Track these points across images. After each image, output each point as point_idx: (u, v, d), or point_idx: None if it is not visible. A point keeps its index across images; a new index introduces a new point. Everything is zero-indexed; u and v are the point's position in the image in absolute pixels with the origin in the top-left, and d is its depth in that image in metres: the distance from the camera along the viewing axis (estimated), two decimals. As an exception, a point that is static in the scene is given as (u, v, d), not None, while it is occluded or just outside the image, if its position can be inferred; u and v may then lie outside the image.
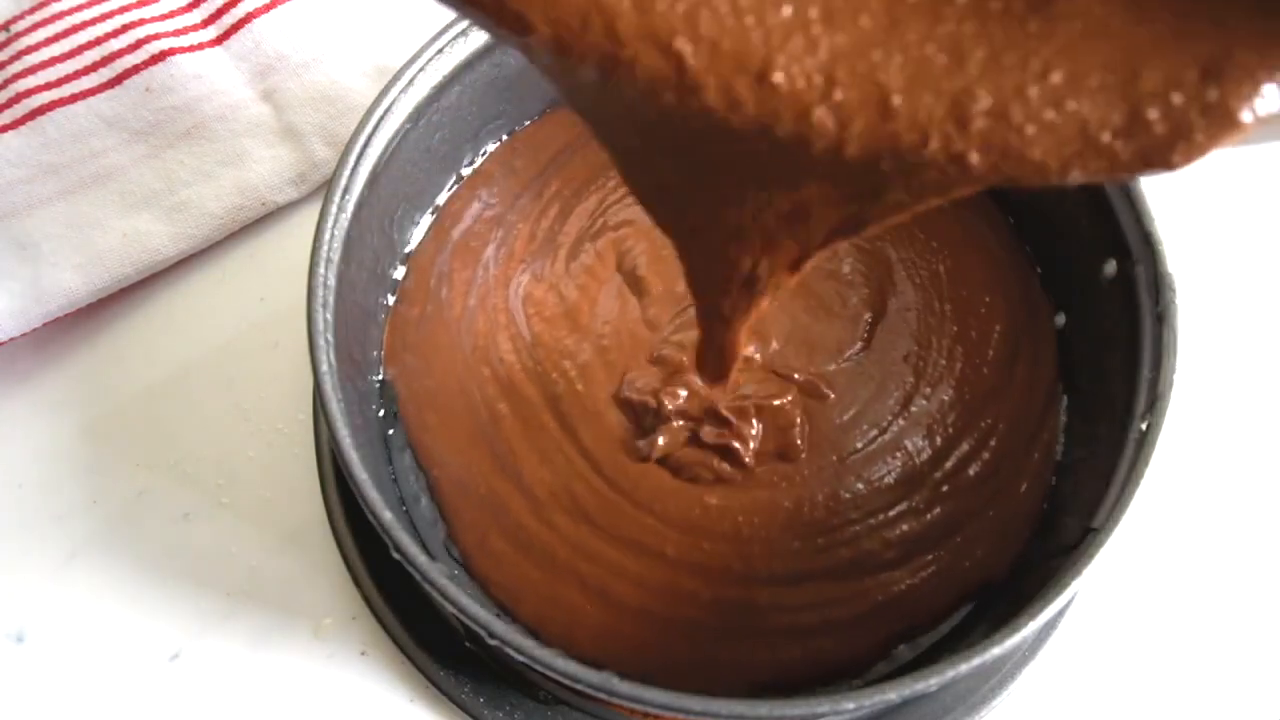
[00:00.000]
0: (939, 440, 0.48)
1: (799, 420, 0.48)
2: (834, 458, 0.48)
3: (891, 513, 0.47)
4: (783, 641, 0.44)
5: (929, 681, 0.35)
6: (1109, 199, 0.45)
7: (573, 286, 0.52)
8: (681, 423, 0.48)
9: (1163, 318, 0.42)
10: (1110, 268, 0.46)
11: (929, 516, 0.47)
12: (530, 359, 0.50)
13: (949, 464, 0.48)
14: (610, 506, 0.47)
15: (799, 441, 0.47)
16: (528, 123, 0.55)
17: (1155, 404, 0.41)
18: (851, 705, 0.34)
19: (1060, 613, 0.47)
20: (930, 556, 0.46)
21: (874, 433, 0.48)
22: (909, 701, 0.41)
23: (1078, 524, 0.41)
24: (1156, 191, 0.45)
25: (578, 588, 0.45)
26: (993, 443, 0.48)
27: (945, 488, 0.47)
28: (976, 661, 0.35)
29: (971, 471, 0.48)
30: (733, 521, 0.46)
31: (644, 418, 0.48)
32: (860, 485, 0.47)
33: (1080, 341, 0.49)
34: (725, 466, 0.47)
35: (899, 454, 0.48)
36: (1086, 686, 0.48)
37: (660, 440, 0.47)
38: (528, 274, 0.52)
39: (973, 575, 0.46)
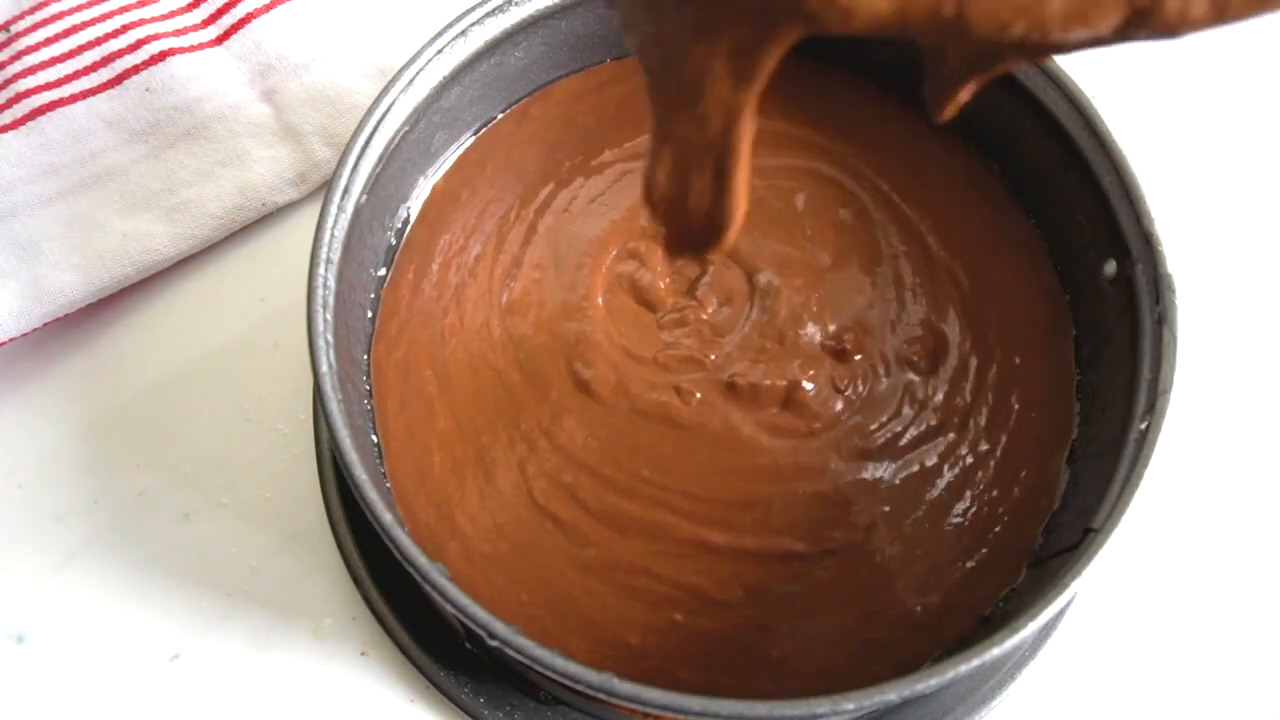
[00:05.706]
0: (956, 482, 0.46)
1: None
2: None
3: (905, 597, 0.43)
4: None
5: (929, 681, 0.35)
6: (1109, 198, 0.45)
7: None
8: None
9: (1163, 318, 0.42)
10: (1110, 268, 0.46)
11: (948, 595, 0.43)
12: (451, 398, 0.47)
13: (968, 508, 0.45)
14: (554, 590, 0.43)
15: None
16: (524, 122, 0.55)
17: (1155, 404, 0.41)
18: (851, 705, 0.34)
19: (1060, 613, 0.47)
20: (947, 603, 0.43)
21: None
22: (909, 701, 0.41)
23: (1077, 524, 0.41)
24: (1156, 191, 0.45)
25: (535, 634, 0.40)
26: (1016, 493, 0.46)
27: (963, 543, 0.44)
28: (976, 662, 0.35)
29: (996, 520, 0.45)
30: (716, 640, 0.42)
31: (564, 525, 0.44)
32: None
33: (1080, 342, 0.49)
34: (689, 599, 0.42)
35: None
36: (1086, 686, 0.48)
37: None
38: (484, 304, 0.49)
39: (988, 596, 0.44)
